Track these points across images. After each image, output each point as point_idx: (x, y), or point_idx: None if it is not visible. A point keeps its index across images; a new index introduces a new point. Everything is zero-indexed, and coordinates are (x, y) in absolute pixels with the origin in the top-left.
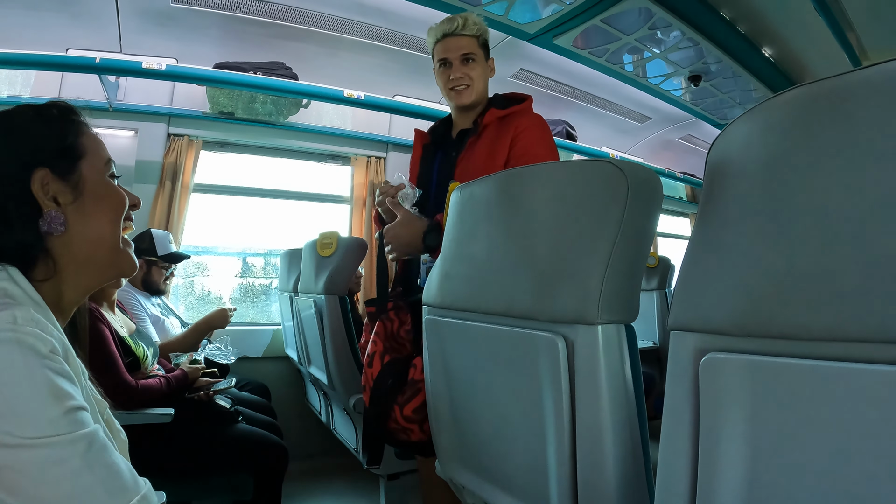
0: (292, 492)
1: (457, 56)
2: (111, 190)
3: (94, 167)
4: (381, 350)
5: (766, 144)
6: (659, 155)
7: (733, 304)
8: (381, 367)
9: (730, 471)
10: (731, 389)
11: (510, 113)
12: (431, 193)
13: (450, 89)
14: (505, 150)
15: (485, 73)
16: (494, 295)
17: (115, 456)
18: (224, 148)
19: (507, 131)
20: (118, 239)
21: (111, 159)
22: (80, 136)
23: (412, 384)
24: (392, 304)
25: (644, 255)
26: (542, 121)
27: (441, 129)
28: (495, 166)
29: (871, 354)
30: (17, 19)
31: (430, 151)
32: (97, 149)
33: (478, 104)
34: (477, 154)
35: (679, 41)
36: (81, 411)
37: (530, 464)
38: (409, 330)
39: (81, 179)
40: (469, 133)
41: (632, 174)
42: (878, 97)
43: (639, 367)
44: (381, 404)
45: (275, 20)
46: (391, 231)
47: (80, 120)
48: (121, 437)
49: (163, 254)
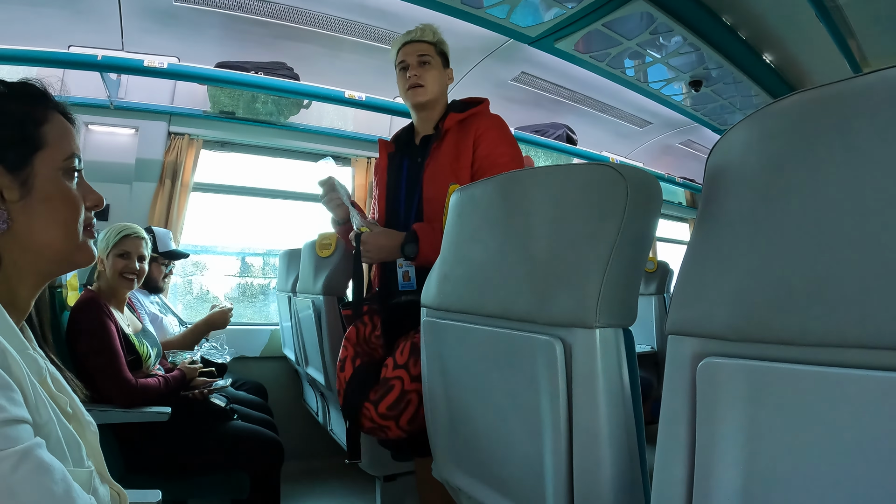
0: (289, 492)
1: (414, 58)
2: (65, 192)
3: (50, 162)
4: (352, 354)
5: (765, 150)
6: (659, 159)
7: (731, 309)
8: (353, 371)
9: (726, 475)
10: (728, 394)
11: (469, 115)
12: (401, 199)
13: (406, 90)
14: (468, 151)
15: (441, 78)
16: (493, 297)
17: (52, 476)
18: (224, 147)
19: (468, 133)
20: (72, 237)
21: (75, 154)
22: (43, 124)
23: (384, 382)
24: (367, 307)
25: (643, 260)
26: (500, 120)
27: (404, 137)
28: (461, 167)
29: (868, 360)
30: (19, 15)
31: (396, 159)
32: (60, 141)
33: (433, 105)
34: (442, 157)
35: (680, 46)
36: (14, 425)
37: (527, 467)
38: (379, 335)
39: (32, 175)
40: (432, 139)
41: (631, 179)
42: (878, 104)
43: (636, 372)
44: (354, 403)
45: (277, 20)
46: (371, 240)
47: (46, 106)
48: (91, 429)
49: (163, 251)
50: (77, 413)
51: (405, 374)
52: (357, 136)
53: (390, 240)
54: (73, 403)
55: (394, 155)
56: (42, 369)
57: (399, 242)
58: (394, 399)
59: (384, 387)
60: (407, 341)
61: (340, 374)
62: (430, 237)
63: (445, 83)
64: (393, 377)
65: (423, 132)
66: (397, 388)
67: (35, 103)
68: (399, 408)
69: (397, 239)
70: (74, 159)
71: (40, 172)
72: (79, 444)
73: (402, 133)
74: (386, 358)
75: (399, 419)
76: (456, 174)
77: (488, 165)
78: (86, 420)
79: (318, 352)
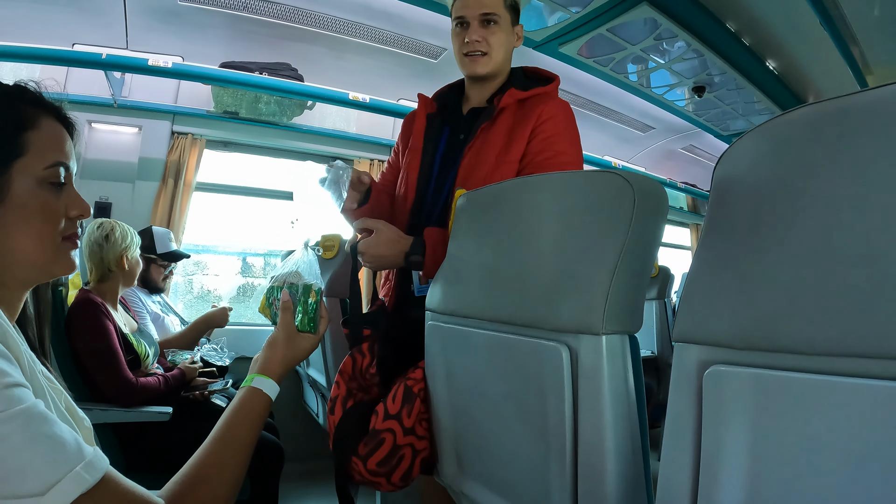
0: (288, 494)
1: (476, 15)
2: (41, 202)
3: (29, 171)
4: (344, 394)
5: (775, 161)
6: (661, 164)
7: (738, 318)
8: (343, 414)
9: (731, 483)
10: (734, 402)
11: (532, 95)
12: (432, 180)
13: (464, 55)
14: (522, 143)
15: (508, 41)
16: (499, 302)
17: (58, 427)
18: (227, 147)
19: (527, 119)
20: (46, 248)
21: (60, 162)
22: (26, 130)
23: (374, 434)
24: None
25: (649, 267)
26: (568, 108)
27: (450, 99)
28: (509, 161)
29: (874, 370)
30: (24, 13)
31: (436, 125)
32: (44, 148)
33: (496, 76)
34: (489, 146)
35: (684, 52)
36: (17, 388)
37: (530, 472)
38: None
39: (8, 184)
40: (482, 116)
41: (638, 186)
42: (886, 118)
43: (641, 378)
44: (340, 458)
45: (281, 21)
46: (372, 248)
47: (33, 109)
48: (84, 424)
49: (162, 252)
50: (71, 408)
51: (397, 427)
52: (360, 138)
53: (392, 248)
54: (66, 399)
55: (434, 118)
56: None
57: (403, 251)
58: (384, 455)
59: (374, 440)
60: (400, 384)
61: (330, 416)
62: (439, 249)
63: (512, 46)
64: (384, 430)
65: (473, 101)
66: (388, 442)
67: (21, 107)
68: (390, 464)
69: (401, 246)
70: (59, 168)
71: (17, 180)
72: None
73: (447, 91)
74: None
75: (391, 476)
76: (500, 168)
77: (541, 163)
78: (79, 416)
79: (321, 353)
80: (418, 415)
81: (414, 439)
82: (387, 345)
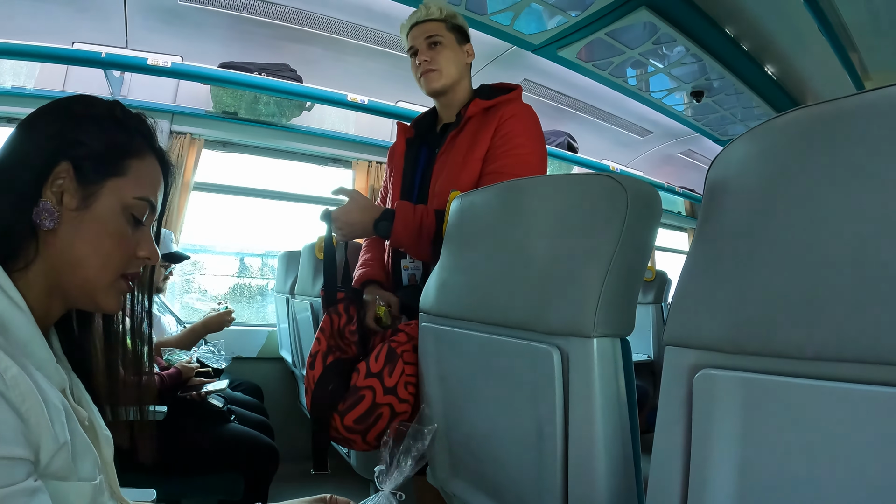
0: (282, 494)
1: (422, 41)
2: (119, 230)
3: (119, 194)
4: (325, 350)
5: (766, 165)
6: (659, 169)
7: (729, 322)
8: (323, 370)
9: (720, 486)
10: (724, 406)
11: (497, 103)
12: (415, 194)
13: (419, 77)
14: (486, 142)
15: (456, 58)
16: (491, 305)
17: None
18: (226, 147)
19: (490, 122)
20: (106, 272)
21: (150, 200)
22: (132, 157)
23: (354, 391)
24: (343, 294)
25: (641, 270)
26: (531, 110)
27: (425, 123)
28: (473, 160)
29: (863, 375)
30: (24, 10)
31: (415, 146)
32: (141, 180)
33: (453, 88)
34: (456, 149)
35: (682, 57)
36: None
37: (522, 474)
38: (353, 331)
39: (97, 196)
40: (450, 127)
41: (631, 189)
42: (879, 121)
43: (633, 381)
44: (322, 411)
45: (281, 22)
46: (344, 215)
47: (143, 141)
48: (107, 444)
49: (163, 253)
50: (94, 426)
51: (378, 385)
52: (359, 140)
53: (364, 215)
54: (92, 417)
55: (413, 141)
56: (64, 380)
57: (373, 218)
58: (363, 412)
59: (353, 396)
60: (384, 345)
61: (310, 371)
62: (407, 217)
63: (464, 62)
64: (364, 387)
65: (445, 119)
66: (368, 399)
67: (135, 135)
68: (367, 422)
69: (371, 214)
70: (146, 204)
71: (106, 196)
72: (93, 454)
73: (424, 118)
74: (359, 358)
75: (366, 434)
76: (466, 167)
77: (499, 156)
78: (103, 434)
79: None
80: (402, 376)
81: (394, 400)
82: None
